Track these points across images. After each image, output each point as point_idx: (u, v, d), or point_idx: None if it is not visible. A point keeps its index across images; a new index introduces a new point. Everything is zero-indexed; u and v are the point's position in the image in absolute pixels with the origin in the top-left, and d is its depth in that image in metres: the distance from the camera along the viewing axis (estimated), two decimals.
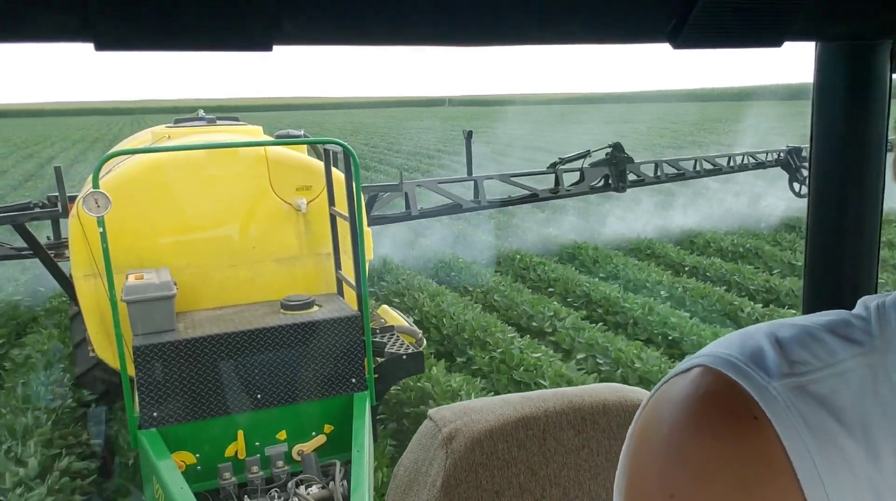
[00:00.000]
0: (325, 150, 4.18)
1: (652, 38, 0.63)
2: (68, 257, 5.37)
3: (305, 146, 4.84)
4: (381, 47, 0.60)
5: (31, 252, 5.56)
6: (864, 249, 0.93)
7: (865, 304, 0.60)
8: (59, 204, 5.68)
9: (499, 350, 5.88)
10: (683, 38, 0.61)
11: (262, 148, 4.22)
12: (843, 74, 0.88)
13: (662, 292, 8.08)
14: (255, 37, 0.50)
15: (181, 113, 5.89)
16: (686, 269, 9.29)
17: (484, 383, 5.53)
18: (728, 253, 10.06)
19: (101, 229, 3.41)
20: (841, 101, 0.89)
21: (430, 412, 0.93)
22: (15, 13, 0.47)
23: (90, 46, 0.49)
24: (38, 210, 5.71)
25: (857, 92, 0.88)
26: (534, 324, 6.97)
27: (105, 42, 0.48)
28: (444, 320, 6.78)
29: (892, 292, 0.60)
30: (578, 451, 0.93)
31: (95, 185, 3.47)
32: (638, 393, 0.96)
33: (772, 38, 0.64)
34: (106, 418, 5.10)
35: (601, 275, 8.99)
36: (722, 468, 0.51)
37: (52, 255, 5.44)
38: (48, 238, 6.15)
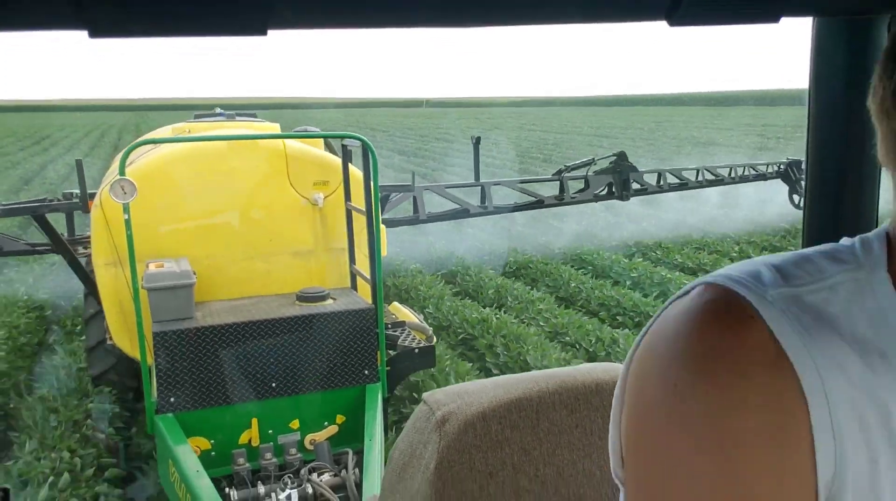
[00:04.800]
0: (342, 145, 4.26)
1: (648, 16, 0.62)
2: (82, 253, 5.44)
3: (322, 142, 4.92)
4: (376, 29, 0.60)
5: (47, 247, 5.62)
6: (863, 221, 0.94)
7: (850, 240, 0.66)
8: (75, 198, 5.74)
9: None
10: (680, 15, 0.60)
11: (280, 142, 4.30)
12: (841, 49, 0.88)
13: None
14: (250, 21, 0.49)
15: (187, 110, 5.95)
16: None
17: None
18: None
19: (126, 216, 3.48)
20: (839, 76, 0.89)
21: (425, 395, 0.94)
22: (6, 1, 0.46)
23: (84, 34, 0.48)
24: (57, 202, 5.78)
25: (855, 67, 0.87)
26: None
27: (99, 28, 0.47)
28: None
29: (875, 230, 0.66)
30: (572, 431, 0.93)
31: (122, 172, 3.54)
32: None
33: (769, 13, 0.63)
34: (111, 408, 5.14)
35: None
36: (720, 357, 0.57)
37: None
38: (62, 235, 6.22)
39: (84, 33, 0.48)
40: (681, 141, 34.30)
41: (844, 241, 0.66)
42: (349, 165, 4.24)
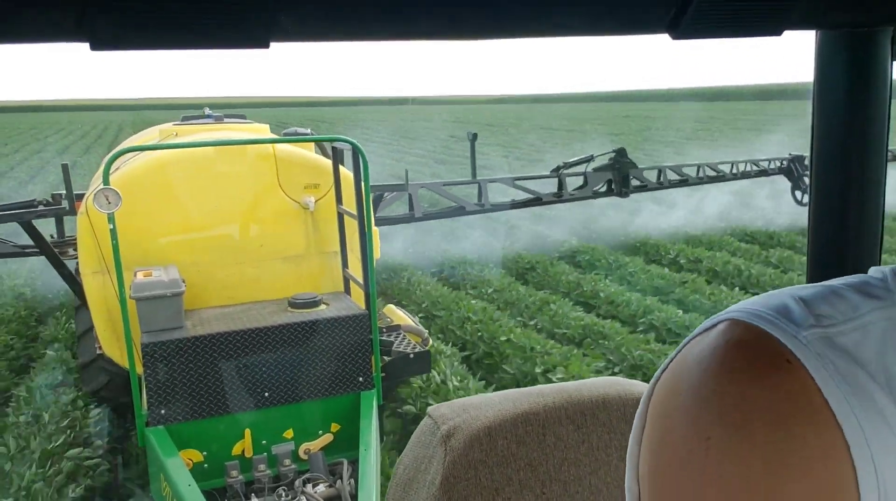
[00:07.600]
0: (332, 148, 4.18)
1: (651, 29, 0.62)
2: (72, 255, 5.37)
3: (312, 145, 4.84)
4: (378, 42, 0.59)
5: (35, 250, 5.55)
6: (868, 237, 0.93)
7: (881, 270, 0.62)
8: (63, 202, 5.67)
9: None
10: (683, 28, 0.60)
11: (270, 146, 4.21)
12: (843, 63, 0.88)
13: None
14: (253, 34, 0.50)
15: (184, 110, 5.86)
16: None
17: None
18: None
19: (111, 226, 3.40)
20: (842, 89, 0.89)
21: (429, 409, 0.92)
22: (8, 13, 0.46)
23: (85, 46, 0.48)
24: (43, 208, 5.69)
25: (857, 80, 0.88)
26: None
27: (100, 41, 0.47)
28: None
29: None
30: (578, 446, 0.92)
31: (106, 181, 3.46)
32: (638, 386, 0.95)
33: (772, 26, 0.64)
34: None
35: None
36: (758, 410, 0.51)
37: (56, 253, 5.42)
38: (52, 236, 6.14)
39: (85, 46, 0.48)
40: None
41: (874, 272, 0.61)
42: (340, 167, 4.15)
